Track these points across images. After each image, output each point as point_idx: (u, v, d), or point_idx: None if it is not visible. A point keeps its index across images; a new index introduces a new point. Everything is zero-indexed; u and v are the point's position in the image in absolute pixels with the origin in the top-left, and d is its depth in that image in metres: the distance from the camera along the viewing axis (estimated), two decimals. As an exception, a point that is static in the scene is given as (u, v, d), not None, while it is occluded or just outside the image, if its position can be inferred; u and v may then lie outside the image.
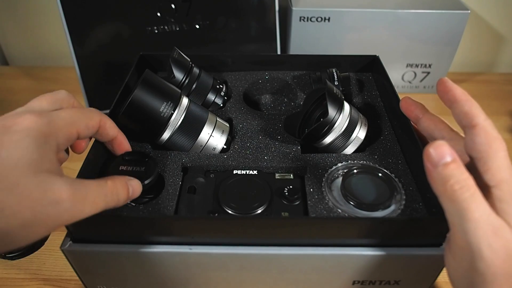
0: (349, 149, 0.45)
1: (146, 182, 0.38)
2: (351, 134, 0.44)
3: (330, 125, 0.43)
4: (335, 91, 0.43)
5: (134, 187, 0.35)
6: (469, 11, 0.73)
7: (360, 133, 0.44)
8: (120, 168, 0.39)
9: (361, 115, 0.46)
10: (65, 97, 0.36)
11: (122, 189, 0.34)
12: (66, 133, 0.32)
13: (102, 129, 0.37)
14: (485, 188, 0.31)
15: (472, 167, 0.31)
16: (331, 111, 0.42)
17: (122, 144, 0.41)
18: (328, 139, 0.43)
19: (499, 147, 0.31)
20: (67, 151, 0.38)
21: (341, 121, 0.43)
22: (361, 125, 0.44)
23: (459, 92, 0.34)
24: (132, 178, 0.36)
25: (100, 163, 0.42)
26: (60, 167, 0.31)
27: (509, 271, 0.29)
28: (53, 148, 0.31)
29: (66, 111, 0.33)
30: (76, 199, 0.29)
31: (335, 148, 0.44)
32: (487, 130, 0.31)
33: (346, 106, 0.44)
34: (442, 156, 0.30)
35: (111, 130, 0.38)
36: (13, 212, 0.27)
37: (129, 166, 0.39)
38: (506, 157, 0.31)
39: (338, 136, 0.43)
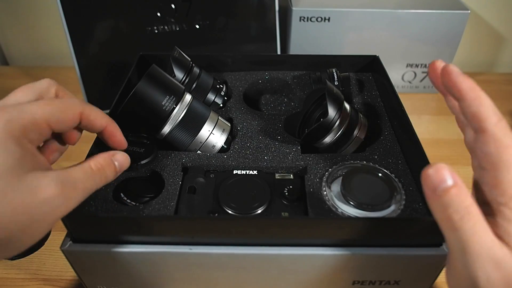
0: (349, 149, 0.45)
1: (143, 162, 0.41)
2: (351, 135, 0.44)
3: (330, 125, 0.43)
4: (335, 91, 0.44)
5: (120, 161, 0.35)
6: (469, 11, 0.73)
7: (360, 133, 0.44)
8: None
9: (361, 115, 0.46)
10: (45, 86, 0.34)
11: (108, 167, 0.34)
12: (34, 128, 0.30)
13: (86, 121, 0.35)
14: (494, 205, 0.28)
15: (482, 178, 0.28)
16: (331, 111, 0.42)
17: (114, 135, 0.38)
18: (328, 139, 0.43)
19: (510, 158, 0.27)
20: (61, 142, 0.37)
21: (341, 121, 0.43)
22: (361, 125, 0.44)
23: (466, 86, 0.29)
24: (117, 152, 0.35)
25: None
26: (44, 160, 0.31)
27: None
28: (31, 144, 0.30)
29: (36, 104, 0.31)
30: (66, 192, 0.29)
31: (335, 148, 0.44)
32: (497, 137, 0.27)
33: (346, 106, 0.44)
34: (442, 179, 0.27)
35: (97, 121, 0.35)
36: (9, 221, 0.27)
37: (129, 146, 0.41)
38: None
39: (338, 136, 0.43)
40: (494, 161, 0.27)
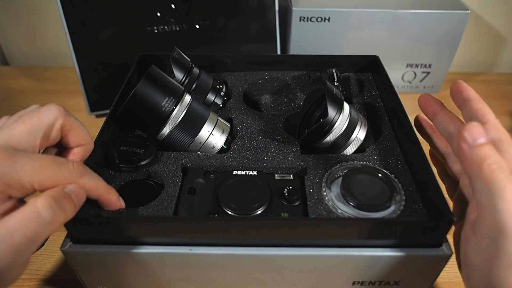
0: (349, 150, 0.45)
1: (142, 163, 0.42)
2: (351, 135, 0.44)
3: (330, 125, 0.43)
4: (335, 92, 0.43)
5: (75, 192, 0.31)
6: (469, 11, 0.73)
7: (360, 134, 0.44)
8: (121, 148, 0.43)
9: (361, 115, 0.46)
10: (51, 121, 0.33)
11: (64, 200, 0.30)
12: (18, 187, 0.29)
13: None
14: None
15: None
16: (331, 112, 0.42)
17: (109, 204, 0.37)
18: (328, 140, 0.43)
19: (509, 141, 0.32)
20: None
21: (341, 122, 0.43)
22: (361, 125, 0.44)
23: (473, 92, 0.35)
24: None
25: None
26: None
27: None
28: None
29: (31, 168, 0.29)
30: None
31: (335, 149, 0.44)
32: (497, 126, 0.33)
33: (346, 106, 0.44)
34: (477, 137, 0.30)
35: (92, 191, 0.34)
36: None
37: (129, 147, 0.43)
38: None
39: (338, 137, 0.43)
40: (496, 144, 0.31)
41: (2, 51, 0.97)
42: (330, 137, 0.43)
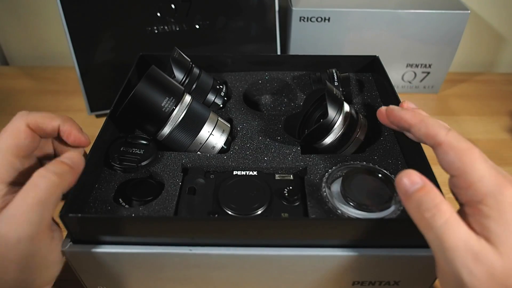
0: (349, 150, 0.45)
1: (143, 163, 0.42)
2: (351, 135, 0.44)
3: (330, 126, 0.43)
4: (335, 92, 0.43)
5: (71, 157, 0.34)
6: (469, 11, 0.73)
7: (360, 134, 0.44)
8: (121, 148, 0.43)
9: (361, 115, 0.46)
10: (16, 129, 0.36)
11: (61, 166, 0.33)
12: None
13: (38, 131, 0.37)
14: (472, 205, 0.29)
15: (455, 185, 0.30)
16: (331, 112, 0.42)
17: (69, 133, 0.38)
18: (328, 140, 0.43)
19: (471, 157, 0.29)
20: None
21: (341, 122, 0.43)
22: (360, 125, 0.44)
23: (409, 116, 0.33)
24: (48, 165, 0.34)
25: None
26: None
27: None
28: None
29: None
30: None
31: (335, 149, 0.44)
32: (453, 145, 0.30)
33: (346, 106, 0.44)
34: (413, 181, 0.29)
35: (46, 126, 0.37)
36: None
37: (129, 147, 0.43)
38: (485, 165, 0.29)
39: (338, 137, 0.43)
40: (458, 166, 0.29)
41: (2, 51, 0.97)
42: (330, 138, 0.43)
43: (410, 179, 0.29)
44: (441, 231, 0.28)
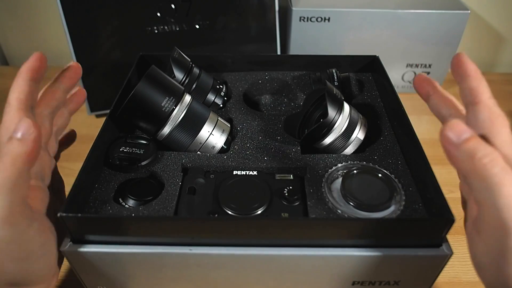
0: (349, 150, 0.45)
1: (143, 163, 0.42)
2: (351, 135, 0.44)
3: (330, 125, 0.43)
4: (334, 92, 0.43)
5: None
6: (469, 11, 0.73)
7: (359, 134, 0.44)
8: (121, 148, 0.43)
9: (360, 115, 0.46)
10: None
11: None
12: None
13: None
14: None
15: None
16: (331, 112, 0.42)
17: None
18: (328, 140, 0.43)
19: (502, 123, 0.30)
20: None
21: (341, 122, 0.43)
22: (360, 125, 0.44)
23: (472, 67, 0.33)
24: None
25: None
26: None
27: None
28: None
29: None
30: None
31: (335, 149, 0.44)
32: (490, 107, 0.31)
33: (346, 106, 0.44)
34: (461, 133, 0.28)
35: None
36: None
37: (129, 147, 0.43)
38: (510, 134, 0.30)
39: (338, 137, 0.43)
40: (487, 125, 0.30)
41: (2, 51, 0.97)
42: (330, 137, 0.43)
43: (459, 128, 0.29)
44: (498, 177, 0.27)
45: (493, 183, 0.27)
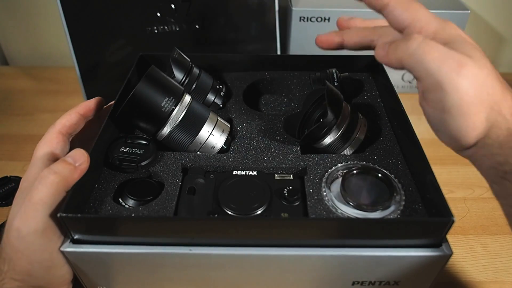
0: (349, 150, 0.45)
1: (143, 163, 0.42)
2: (351, 135, 0.44)
3: (330, 126, 0.43)
4: (334, 92, 0.43)
5: (72, 155, 0.37)
6: (469, 11, 0.73)
7: (359, 134, 0.44)
8: (120, 149, 0.43)
9: (360, 115, 0.46)
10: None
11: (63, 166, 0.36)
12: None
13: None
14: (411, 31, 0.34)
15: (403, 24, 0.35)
16: (331, 112, 0.42)
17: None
18: (327, 140, 0.43)
19: (416, 6, 0.34)
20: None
21: (341, 122, 0.43)
22: (360, 125, 0.44)
23: None
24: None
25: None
26: None
27: (482, 97, 0.31)
28: None
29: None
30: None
31: (335, 149, 0.44)
32: (398, 2, 0.34)
33: (346, 106, 0.44)
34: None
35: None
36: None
37: (129, 148, 0.43)
38: (426, 10, 0.34)
39: (338, 137, 0.43)
40: (406, 16, 0.34)
41: (2, 51, 0.97)
42: (330, 137, 0.43)
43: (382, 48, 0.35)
44: (422, 48, 0.32)
45: (420, 54, 0.32)
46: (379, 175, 0.41)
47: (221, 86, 0.53)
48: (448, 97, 0.31)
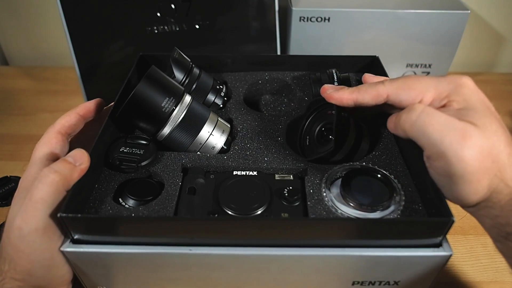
0: (355, 160, 0.44)
1: (143, 164, 0.42)
2: (357, 149, 0.43)
3: (338, 150, 0.41)
4: (343, 119, 0.41)
5: (73, 155, 0.37)
6: (469, 11, 0.73)
7: (364, 145, 0.43)
8: (120, 149, 0.43)
9: (363, 125, 0.45)
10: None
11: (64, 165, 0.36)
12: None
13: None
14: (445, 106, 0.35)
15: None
16: (338, 139, 0.40)
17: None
18: (336, 158, 0.42)
19: (412, 80, 0.36)
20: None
21: (348, 143, 0.41)
22: (365, 137, 0.44)
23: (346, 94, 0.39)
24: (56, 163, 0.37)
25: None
26: None
27: (486, 166, 0.31)
28: None
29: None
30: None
31: (341, 161, 0.43)
32: (393, 87, 0.36)
33: (352, 126, 0.42)
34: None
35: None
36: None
37: (129, 148, 0.43)
38: (429, 79, 0.36)
39: (345, 154, 0.42)
40: (413, 96, 0.36)
41: (2, 51, 0.97)
42: (338, 156, 0.42)
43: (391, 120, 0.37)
44: (422, 119, 0.32)
45: (421, 125, 0.33)
46: (379, 175, 0.41)
47: (221, 86, 0.53)
48: (452, 167, 0.32)
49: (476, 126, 0.32)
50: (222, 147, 0.45)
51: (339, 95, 0.40)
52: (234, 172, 0.43)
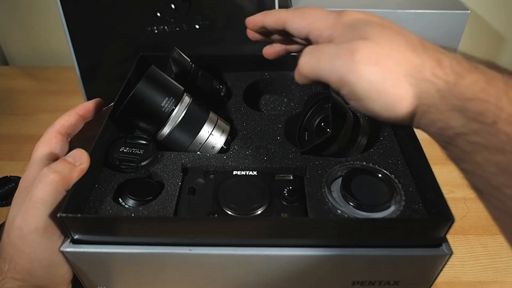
0: (352, 155, 0.44)
1: (143, 163, 0.42)
2: (355, 142, 0.43)
3: (334, 139, 0.41)
4: (339, 106, 0.42)
5: (73, 155, 0.37)
6: (469, 11, 0.73)
7: (362, 139, 0.44)
8: (120, 149, 0.43)
9: (362, 120, 0.45)
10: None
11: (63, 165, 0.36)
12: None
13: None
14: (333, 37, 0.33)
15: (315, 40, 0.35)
16: (335, 127, 0.41)
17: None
18: (331, 149, 0.43)
19: (308, 10, 0.35)
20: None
21: (345, 133, 0.42)
22: (363, 132, 0.44)
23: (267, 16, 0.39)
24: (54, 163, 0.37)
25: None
26: None
27: (392, 70, 0.29)
28: None
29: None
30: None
31: (339, 156, 0.44)
32: (293, 13, 0.36)
33: (350, 116, 0.43)
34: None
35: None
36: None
37: (129, 148, 0.43)
38: (322, 10, 0.34)
39: (342, 146, 0.43)
40: (303, 25, 0.35)
41: (2, 51, 0.97)
42: (334, 148, 0.42)
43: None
44: (313, 56, 0.32)
45: (313, 64, 0.32)
46: (379, 175, 0.41)
47: (221, 86, 0.53)
48: (357, 86, 0.30)
49: (364, 39, 0.30)
50: (222, 147, 0.45)
51: (252, 17, 0.41)
52: (234, 172, 0.43)
